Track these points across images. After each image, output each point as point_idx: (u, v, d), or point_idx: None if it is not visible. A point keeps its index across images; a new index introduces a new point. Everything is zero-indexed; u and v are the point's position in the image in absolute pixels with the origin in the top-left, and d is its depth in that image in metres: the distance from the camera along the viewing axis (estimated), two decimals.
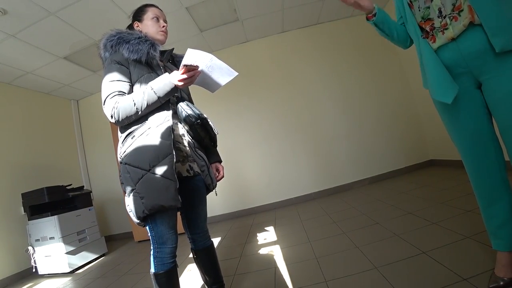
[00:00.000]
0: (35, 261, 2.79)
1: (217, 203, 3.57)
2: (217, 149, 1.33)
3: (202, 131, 1.13)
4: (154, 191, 0.97)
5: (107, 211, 4.06)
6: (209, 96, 1.66)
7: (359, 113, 3.68)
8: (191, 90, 1.35)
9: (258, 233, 2.56)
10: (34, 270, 2.81)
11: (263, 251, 2.02)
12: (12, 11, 2.20)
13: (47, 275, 2.76)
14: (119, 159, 1.07)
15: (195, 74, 1.00)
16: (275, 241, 2.18)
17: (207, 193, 1.25)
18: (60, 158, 3.71)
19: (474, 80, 0.93)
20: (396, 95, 3.71)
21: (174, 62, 1.29)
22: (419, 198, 2.31)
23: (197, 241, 1.23)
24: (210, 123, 1.17)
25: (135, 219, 1.01)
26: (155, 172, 0.98)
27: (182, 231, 1.42)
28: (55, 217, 2.70)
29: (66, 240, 2.72)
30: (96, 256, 3.02)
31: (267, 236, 2.40)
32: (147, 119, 1.04)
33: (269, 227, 2.67)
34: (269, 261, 1.80)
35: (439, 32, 0.92)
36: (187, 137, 1.16)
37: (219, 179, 1.30)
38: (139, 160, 0.99)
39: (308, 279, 1.42)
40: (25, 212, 2.88)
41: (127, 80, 1.07)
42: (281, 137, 3.70)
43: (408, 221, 1.85)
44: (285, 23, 3.61)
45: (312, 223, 2.44)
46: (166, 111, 1.06)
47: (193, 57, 0.97)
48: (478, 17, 0.81)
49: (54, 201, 2.82)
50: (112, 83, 1.05)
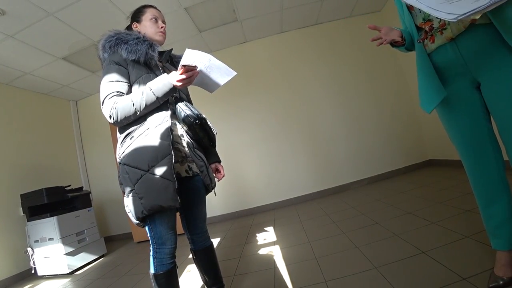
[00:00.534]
0: (34, 262, 2.78)
1: (216, 203, 3.57)
2: (216, 150, 1.33)
3: (201, 131, 1.13)
4: (153, 192, 0.96)
5: (106, 211, 4.05)
6: (208, 96, 1.66)
7: (358, 113, 3.69)
8: (190, 90, 1.35)
9: (257, 233, 2.56)
10: (33, 271, 2.80)
11: (262, 252, 2.02)
12: (10, 12, 2.20)
13: (46, 276, 2.75)
14: (118, 159, 1.06)
15: (193, 74, 1.01)
16: (275, 242, 2.18)
17: (206, 194, 1.26)
18: (59, 158, 3.70)
19: (472, 80, 0.93)
20: (394, 95, 3.71)
21: (173, 62, 1.29)
22: (418, 198, 2.31)
23: (197, 241, 1.23)
24: (209, 123, 1.17)
25: (134, 219, 1.01)
26: (154, 172, 0.98)
27: (181, 232, 1.41)
28: (54, 218, 2.70)
29: (65, 241, 2.72)
30: (95, 257, 3.02)
31: (266, 236, 2.40)
32: (146, 120, 1.04)
33: (268, 228, 2.66)
34: (269, 261, 1.80)
35: (437, 32, 0.93)
36: (186, 138, 1.16)
37: (220, 179, 1.30)
38: (138, 160, 0.99)
39: (307, 279, 1.42)
40: (24, 213, 2.87)
41: (125, 80, 1.07)
42: (280, 137, 3.70)
43: (407, 221, 1.85)
44: (284, 23, 3.62)
45: (311, 223, 2.44)
46: (164, 112, 1.06)
47: (192, 57, 0.97)
48: (489, 16, 0.79)
49: (53, 202, 2.81)
50: (110, 83, 1.05)
